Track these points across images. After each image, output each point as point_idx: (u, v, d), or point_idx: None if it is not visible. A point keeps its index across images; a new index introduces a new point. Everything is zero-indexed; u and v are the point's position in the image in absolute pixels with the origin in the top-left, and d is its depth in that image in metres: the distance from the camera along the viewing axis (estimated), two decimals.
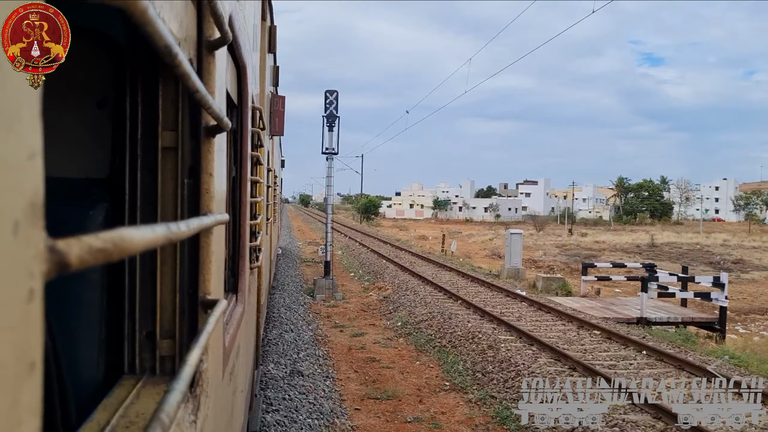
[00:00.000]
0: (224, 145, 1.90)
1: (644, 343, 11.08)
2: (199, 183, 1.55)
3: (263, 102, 5.28)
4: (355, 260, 27.07)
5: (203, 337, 1.18)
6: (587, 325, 12.89)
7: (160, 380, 1.51)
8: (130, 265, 1.53)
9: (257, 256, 3.96)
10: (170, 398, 0.84)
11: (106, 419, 1.25)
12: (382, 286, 18.77)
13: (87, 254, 0.54)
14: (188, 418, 1.31)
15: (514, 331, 11.92)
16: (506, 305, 15.37)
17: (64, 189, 1.74)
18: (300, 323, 13.18)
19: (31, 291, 0.50)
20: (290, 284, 18.86)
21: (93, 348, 1.64)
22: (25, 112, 0.51)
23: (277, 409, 7.55)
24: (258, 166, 4.02)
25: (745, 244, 50.74)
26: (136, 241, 0.63)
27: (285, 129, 8.74)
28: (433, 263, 24.97)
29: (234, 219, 2.75)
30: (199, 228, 1.16)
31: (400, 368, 10.08)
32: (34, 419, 0.52)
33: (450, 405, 8.30)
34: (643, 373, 9.20)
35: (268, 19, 5.99)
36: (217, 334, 1.79)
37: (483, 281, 19.45)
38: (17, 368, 0.49)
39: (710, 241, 52.97)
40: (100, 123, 1.94)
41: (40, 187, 0.53)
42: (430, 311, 14.10)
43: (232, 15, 1.91)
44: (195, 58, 1.50)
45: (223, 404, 2.08)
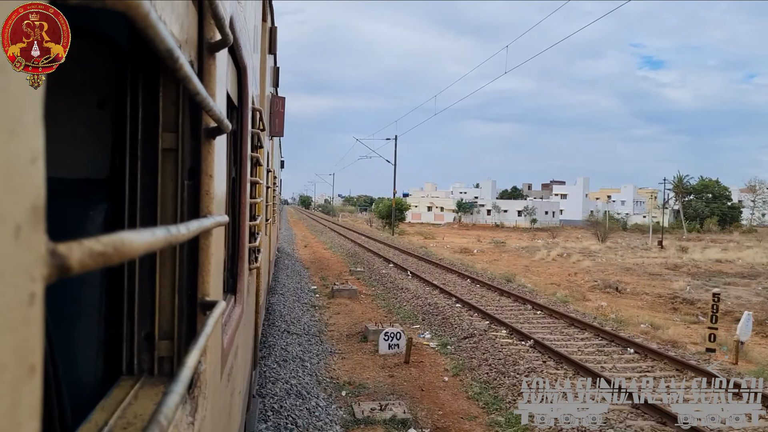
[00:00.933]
0: (224, 146, 1.90)
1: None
2: (199, 184, 1.55)
3: (263, 103, 5.29)
4: (420, 312, 14.59)
5: (202, 338, 1.18)
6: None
7: (158, 381, 1.51)
8: (129, 267, 1.53)
9: (256, 257, 3.96)
10: (169, 400, 0.84)
11: (104, 420, 1.25)
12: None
13: (88, 258, 0.54)
14: (186, 419, 1.31)
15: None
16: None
17: (65, 189, 1.74)
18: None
19: (32, 295, 0.50)
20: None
21: (92, 349, 1.65)
22: (27, 115, 0.51)
23: None
24: (257, 167, 4.02)
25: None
26: (137, 245, 0.64)
27: (285, 130, 8.74)
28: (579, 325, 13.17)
29: (233, 220, 2.75)
30: (199, 230, 1.16)
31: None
32: (33, 421, 0.52)
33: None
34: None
35: (269, 20, 5.99)
36: (216, 335, 1.79)
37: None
38: (17, 371, 0.49)
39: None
40: (100, 123, 1.94)
41: (42, 190, 0.53)
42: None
43: (233, 17, 1.92)
44: (196, 60, 1.50)
45: (221, 405, 2.08)
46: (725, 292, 19.57)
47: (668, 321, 16.86)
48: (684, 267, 32.27)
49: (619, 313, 16.49)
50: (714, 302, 11.82)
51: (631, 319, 15.73)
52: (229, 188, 2.47)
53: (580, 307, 17.01)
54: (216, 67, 1.60)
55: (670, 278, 26.70)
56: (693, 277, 27.60)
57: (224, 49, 1.67)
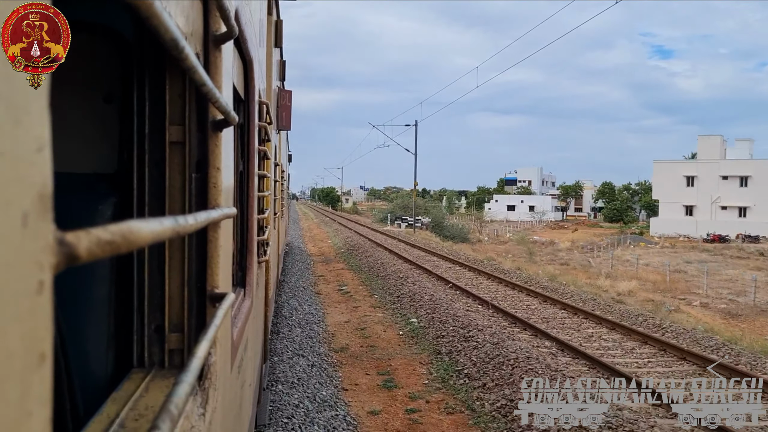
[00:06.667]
0: (231, 139, 1.90)
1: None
2: (206, 177, 1.55)
3: (270, 96, 5.29)
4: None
5: (211, 330, 1.18)
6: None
7: (168, 373, 1.52)
8: (138, 260, 1.54)
9: (265, 251, 3.98)
10: (179, 390, 0.84)
11: (115, 412, 1.26)
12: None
13: (96, 246, 0.54)
14: (197, 410, 1.31)
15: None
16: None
17: (73, 184, 1.75)
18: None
19: (41, 283, 0.50)
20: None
21: (102, 342, 1.66)
22: (33, 104, 0.51)
23: None
24: (265, 160, 4.03)
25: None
26: (144, 234, 0.64)
27: (292, 124, 8.74)
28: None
29: (242, 213, 2.75)
30: (207, 221, 1.16)
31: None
32: (43, 410, 0.53)
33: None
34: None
35: (275, 14, 5.98)
36: (225, 327, 1.80)
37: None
38: (27, 360, 0.50)
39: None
40: (107, 118, 1.95)
41: (49, 179, 0.53)
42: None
43: (239, 9, 1.91)
44: (201, 53, 1.50)
45: (231, 397, 2.09)
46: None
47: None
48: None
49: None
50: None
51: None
52: (237, 181, 2.47)
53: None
54: (222, 60, 1.60)
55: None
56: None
57: (230, 41, 1.66)
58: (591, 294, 16.94)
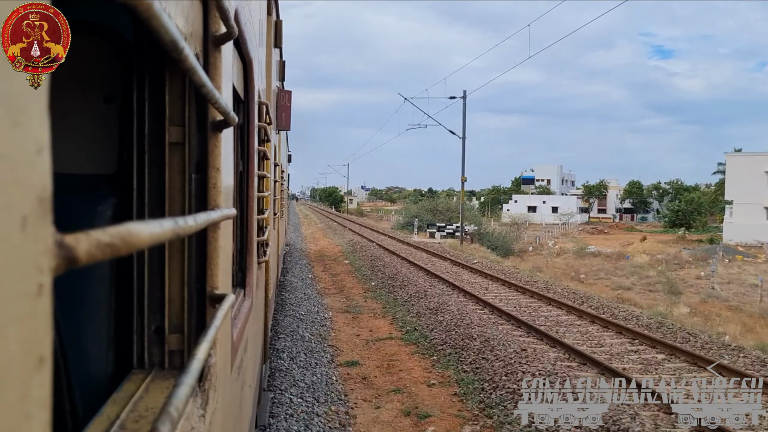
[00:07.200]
0: (231, 139, 1.90)
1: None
2: (206, 178, 1.55)
3: (270, 97, 5.29)
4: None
5: (211, 331, 1.18)
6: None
7: (168, 375, 1.51)
8: (138, 261, 1.54)
9: (265, 251, 3.98)
10: (179, 392, 0.84)
11: (115, 413, 1.26)
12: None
13: (95, 249, 0.54)
14: (197, 412, 1.31)
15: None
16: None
17: (73, 185, 1.75)
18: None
19: (40, 286, 0.50)
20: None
21: (102, 343, 1.65)
22: (32, 106, 0.51)
23: None
24: (265, 160, 4.02)
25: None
26: (144, 236, 0.63)
27: (292, 124, 8.74)
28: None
29: (241, 214, 2.75)
30: (207, 222, 1.16)
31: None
32: (43, 413, 0.53)
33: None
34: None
35: (274, 14, 5.98)
36: (225, 328, 1.79)
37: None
38: (26, 362, 0.49)
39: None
40: (107, 118, 1.94)
41: (48, 181, 0.53)
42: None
43: (238, 10, 1.91)
44: (201, 53, 1.50)
45: (231, 398, 2.09)
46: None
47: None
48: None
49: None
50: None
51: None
52: (237, 182, 2.47)
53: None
54: (221, 60, 1.60)
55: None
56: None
57: (229, 42, 1.66)
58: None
